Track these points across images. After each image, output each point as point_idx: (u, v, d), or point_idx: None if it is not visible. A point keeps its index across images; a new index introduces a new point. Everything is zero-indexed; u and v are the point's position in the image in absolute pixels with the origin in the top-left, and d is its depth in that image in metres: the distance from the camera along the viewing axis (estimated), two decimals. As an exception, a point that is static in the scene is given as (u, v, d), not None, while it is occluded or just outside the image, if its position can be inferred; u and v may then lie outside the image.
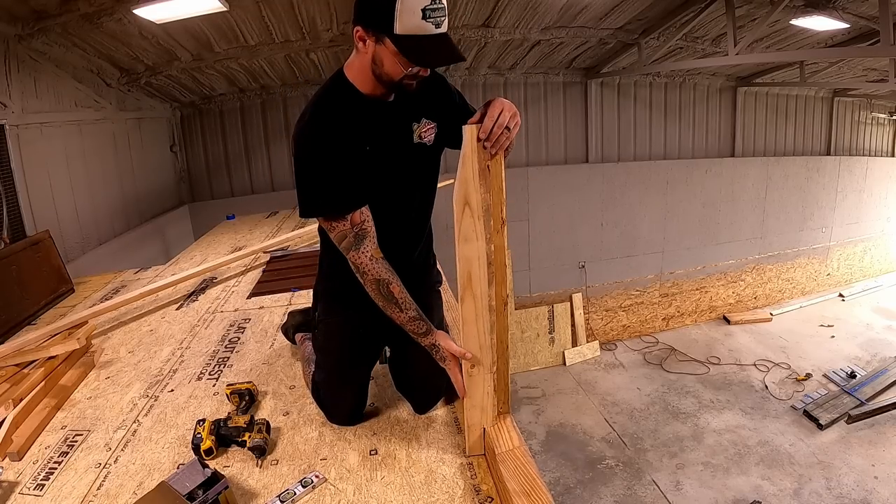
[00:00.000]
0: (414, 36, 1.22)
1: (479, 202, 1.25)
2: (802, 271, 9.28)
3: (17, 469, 1.58)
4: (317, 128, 1.36)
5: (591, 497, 5.18)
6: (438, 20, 1.23)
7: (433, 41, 1.24)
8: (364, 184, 1.40)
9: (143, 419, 1.80)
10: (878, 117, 9.46)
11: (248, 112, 6.33)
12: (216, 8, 3.51)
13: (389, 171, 1.45)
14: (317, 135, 1.35)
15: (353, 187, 1.38)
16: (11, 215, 3.39)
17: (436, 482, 1.38)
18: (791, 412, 6.19)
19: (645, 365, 7.56)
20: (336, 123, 1.36)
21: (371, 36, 1.27)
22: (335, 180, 1.36)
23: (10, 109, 3.45)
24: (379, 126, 1.42)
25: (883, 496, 4.85)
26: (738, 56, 4.74)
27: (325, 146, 1.34)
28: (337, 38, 4.83)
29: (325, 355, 1.69)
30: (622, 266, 8.04)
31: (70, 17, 3.50)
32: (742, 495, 4.98)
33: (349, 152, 1.37)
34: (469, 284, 1.31)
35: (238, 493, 1.37)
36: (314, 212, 1.40)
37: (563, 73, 7.12)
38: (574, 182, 7.45)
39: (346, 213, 1.38)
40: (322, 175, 1.36)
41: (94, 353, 2.31)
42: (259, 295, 2.91)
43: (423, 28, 1.22)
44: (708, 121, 8.18)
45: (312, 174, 1.36)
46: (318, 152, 1.35)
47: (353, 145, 1.37)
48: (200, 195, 6.44)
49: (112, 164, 4.84)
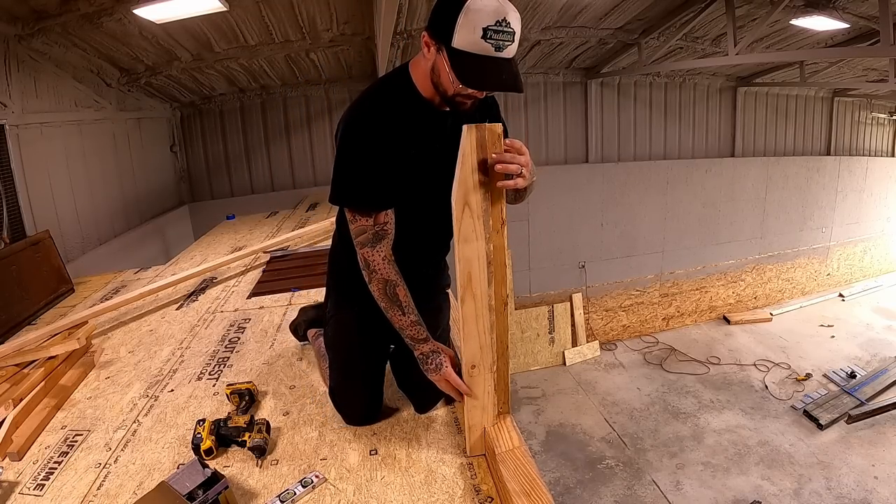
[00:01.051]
0: (470, 53, 1.19)
1: (478, 202, 1.25)
2: (802, 271, 9.28)
3: (17, 469, 1.58)
4: (367, 120, 1.35)
5: (591, 497, 5.18)
6: (501, 43, 1.18)
7: (489, 63, 1.19)
8: (398, 186, 1.40)
9: (143, 419, 1.79)
10: (878, 117, 9.46)
11: (248, 112, 6.33)
12: (216, 8, 3.51)
13: (430, 177, 1.44)
14: (365, 127, 1.35)
15: (386, 188, 1.38)
16: (11, 215, 3.39)
17: (436, 482, 1.38)
18: (791, 412, 6.19)
19: (645, 365, 7.56)
20: (386, 120, 1.35)
21: (434, 43, 1.25)
22: (371, 177, 1.36)
23: (10, 109, 3.45)
24: (429, 132, 1.41)
25: (883, 496, 4.85)
26: (738, 56, 4.74)
27: (370, 141, 1.34)
28: (337, 39, 4.83)
29: (336, 352, 1.69)
30: (622, 266, 8.04)
31: (70, 17, 3.50)
32: (742, 495, 4.98)
33: (392, 152, 1.36)
34: (469, 284, 1.31)
35: (238, 493, 1.37)
36: (343, 201, 1.41)
37: (563, 73, 7.12)
38: (574, 182, 7.45)
39: (373, 212, 1.38)
40: (360, 168, 1.36)
41: (94, 353, 2.31)
42: (259, 295, 2.91)
43: (482, 48, 1.17)
44: (708, 121, 8.19)
45: (351, 165, 1.37)
46: (361, 145, 1.35)
47: (398, 146, 1.36)
48: (200, 195, 6.45)
49: (112, 164, 4.84)
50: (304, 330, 2.12)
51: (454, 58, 1.20)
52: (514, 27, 1.18)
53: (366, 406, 1.64)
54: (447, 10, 1.19)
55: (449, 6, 1.20)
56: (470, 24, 1.16)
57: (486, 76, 1.21)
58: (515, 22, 1.19)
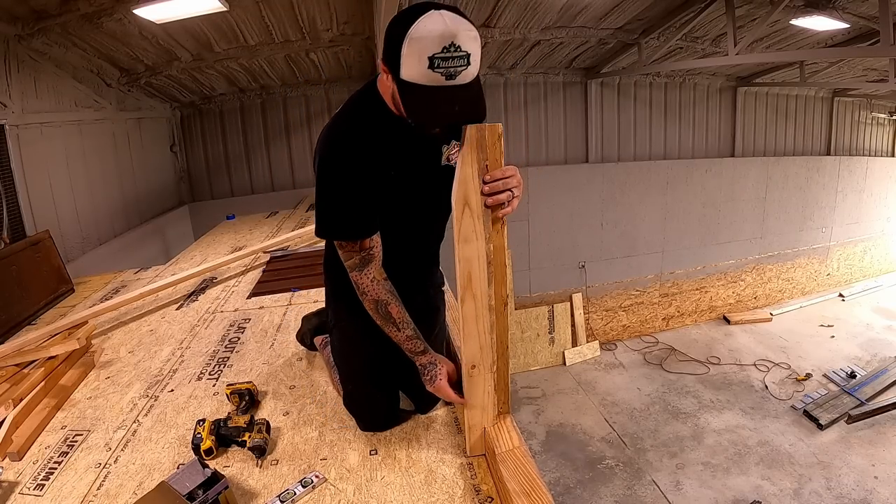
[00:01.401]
0: (418, 85, 1.09)
1: (478, 202, 1.25)
2: (802, 271, 9.28)
3: (17, 469, 1.58)
4: (343, 149, 1.29)
5: (591, 497, 5.18)
6: (452, 71, 1.07)
7: (440, 95, 1.09)
8: (380, 209, 1.36)
9: (143, 419, 1.80)
10: (878, 117, 9.46)
11: (248, 112, 6.33)
12: (216, 8, 3.51)
13: (413, 193, 1.42)
14: (342, 157, 1.29)
15: (368, 215, 1.34)
16: (11, 215, 3.39)
17: (436, 482, 1.38)
18: (791, 412, 6.19)
19: (645, 365, 7.56)
20: (362, 147, 1.28)
21: (387, 71, 1.17)
22: (352, 207, 1.32)
23: (10, 109, 3.45)
24: (407, 149, 1.35)
25: (883, 496, 4.85)
26: (738, 56, 4.74)
27: (348, 171, 1.29)
28: (337, 39, 4.83)
29: (343, 360, 1.68)
30: (622, 266, 8.04)
31: (70, 17, 3.50)
32: (742, 495, 4.98)
33: (372, 178, 1.31)
34: (469, 284, 1.31)
35: (238, 493, 1.37)
36: (327, 235, 1.40)
37: (563, 73, 7.12)
38: (574, 182, 7.45)
39: (357, 240, 1.35)
40: (340, 200, 1.32)
41: (94, 353, 2.31)
42: (259, 295, 2.91)
43: (431, 78, 1.07)
44: (708, 121, 8.19)
45: (330, 197, 1.33)
46: (339, 176, 1.30)
47: (377, 171, 1.31)
48: (200, 195, 6.45)
49: (112, 164, 4.84)
50: (311, 338, 2.10)
51: (403, 90, 1.12)
52: (468, 48, 1.07)
53: (383, 410, 1.62)
54: (391, 38, 1.11)
55: (392, 34, 1.11)
56: (414, 55, 1.06)
57: (436, 110, 1.11)
58: (468, 42, 1.07)
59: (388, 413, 1.64)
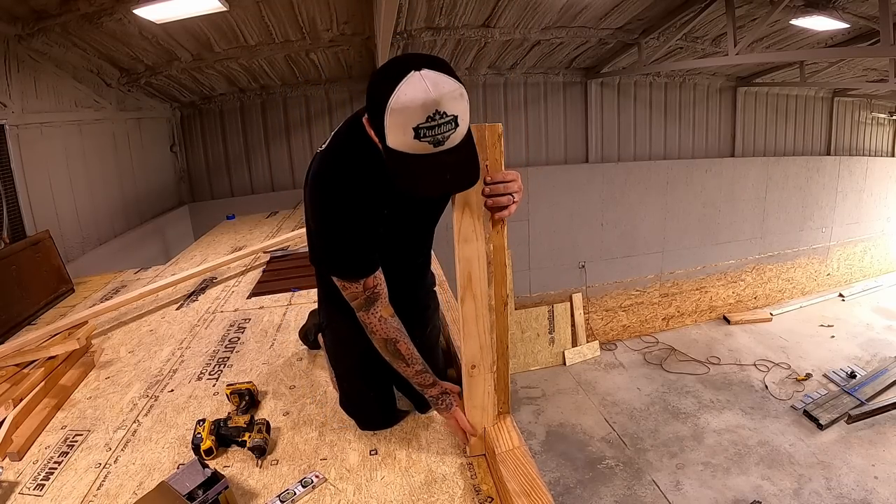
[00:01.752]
0: (405, 154, 1.05)
1: (479, 202, 1.25)
2: (802, 271, 9.28)
3: (17, 469, 1.58)
4: (336, 195, 1.27)
5: (591, 497, 5.18)
6: (440, 137, 1.02)
7: (428, 163, 1.05)
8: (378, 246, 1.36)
9: (143, 419, 1.79)
10: (878, 117, 9.46)
11: (248, 112, 6.33)
12: (216, 8, 3.51)
13: (406, 224, 1.44)
14: (337, 203, 1.28)
15: (368, 254, 1.33)
16: (11, 215, 3.39)
17: (436, 482, 1.38)
18: (791, 412, 6.20)
19: (645, 365, 7.56)
20: (356, 191, 1.27)
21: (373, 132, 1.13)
22: (352, 248, 1.32)
23: (10, 109, 3.45)
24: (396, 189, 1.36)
25: (883, 496, 4.86)
26: (738, 56, 4.74)
27: (344, 215, 1.28)
28: (337, 39, 4.83)
29: (339, 360, 1.68)
30: (622, 266, 8.04)
31: (70, 17, 3.50)
32: (742, 495, 4.98)
33: (368, 219, 1.30)
34: (469, 284, 1.31)
35: (238, 493, 1.37)
36: (332, 273, 1.39)
37: (563, 73, 7.12)
38: (574, 182, 7.45)
39: (360, 280, 1.34)
40: (339, 242, 1.32)
41: (94, 353, 2.31)
42: (259, 295, 2.91)
43: (418, 147, 1.03)
44: (708, 121, 8.19)
45: (331, 239, 1.34)
46: (337, 220, 1.29)
47: (372, 212, 1.31)
48: (200, 195, 6.45)
49: (112, 164, 4.84)
50: (315, 334, 2.09)
51: (390, 157, 1.07)
52: (454, 111, 1.01)
53: (379, 408, 1.63)
54: (373, 102, 1.05)
55: (374, 104, 1.05)
56: (398, 127, 1.02)
57: (425, 181, 1.08)
58: (453, 104, 1.01)
59: (385, 411, 1.64)
